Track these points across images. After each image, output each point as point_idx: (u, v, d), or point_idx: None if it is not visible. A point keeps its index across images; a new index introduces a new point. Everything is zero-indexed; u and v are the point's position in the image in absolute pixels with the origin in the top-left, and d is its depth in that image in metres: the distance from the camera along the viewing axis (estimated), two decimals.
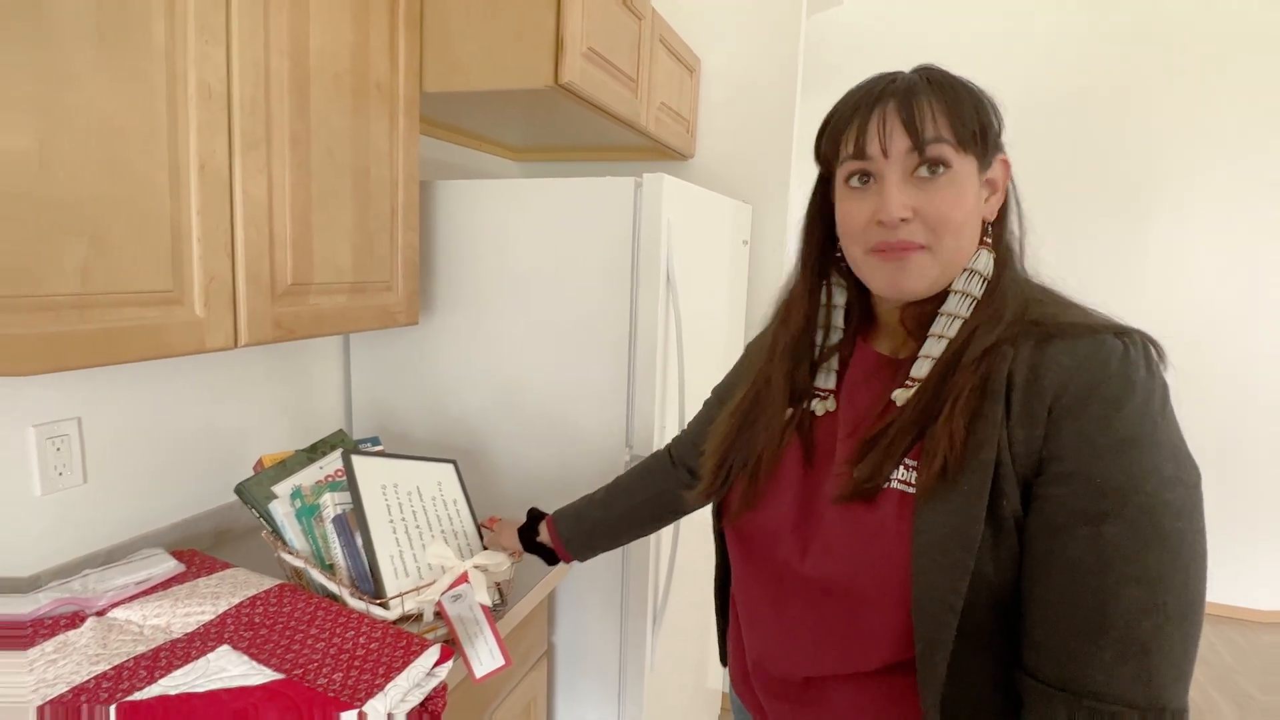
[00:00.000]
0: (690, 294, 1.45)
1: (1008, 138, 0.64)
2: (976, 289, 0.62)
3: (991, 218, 0.64)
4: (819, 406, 0.70)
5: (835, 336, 0.71)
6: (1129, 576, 0.49)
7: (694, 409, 1.62)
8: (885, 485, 0.58)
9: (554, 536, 1.04)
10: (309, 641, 0.87)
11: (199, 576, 1.01)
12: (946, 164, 0.58)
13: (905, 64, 0.66)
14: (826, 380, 0.70)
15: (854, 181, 0.62)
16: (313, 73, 1.05)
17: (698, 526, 1.53)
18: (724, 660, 0.91)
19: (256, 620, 0.91)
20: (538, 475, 1.43)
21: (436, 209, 1.42)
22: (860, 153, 0.60)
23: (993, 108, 0.62)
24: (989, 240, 0.64)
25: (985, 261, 0.62)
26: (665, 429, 1.38)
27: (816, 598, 0.62)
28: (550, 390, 1.39)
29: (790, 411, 0.70)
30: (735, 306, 1.90)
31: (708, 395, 0.99)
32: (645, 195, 1.27)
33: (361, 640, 0.87)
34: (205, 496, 1.28)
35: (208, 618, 0.91)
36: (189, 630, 0.88)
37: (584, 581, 1.40)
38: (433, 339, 1.47)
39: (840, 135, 0.63)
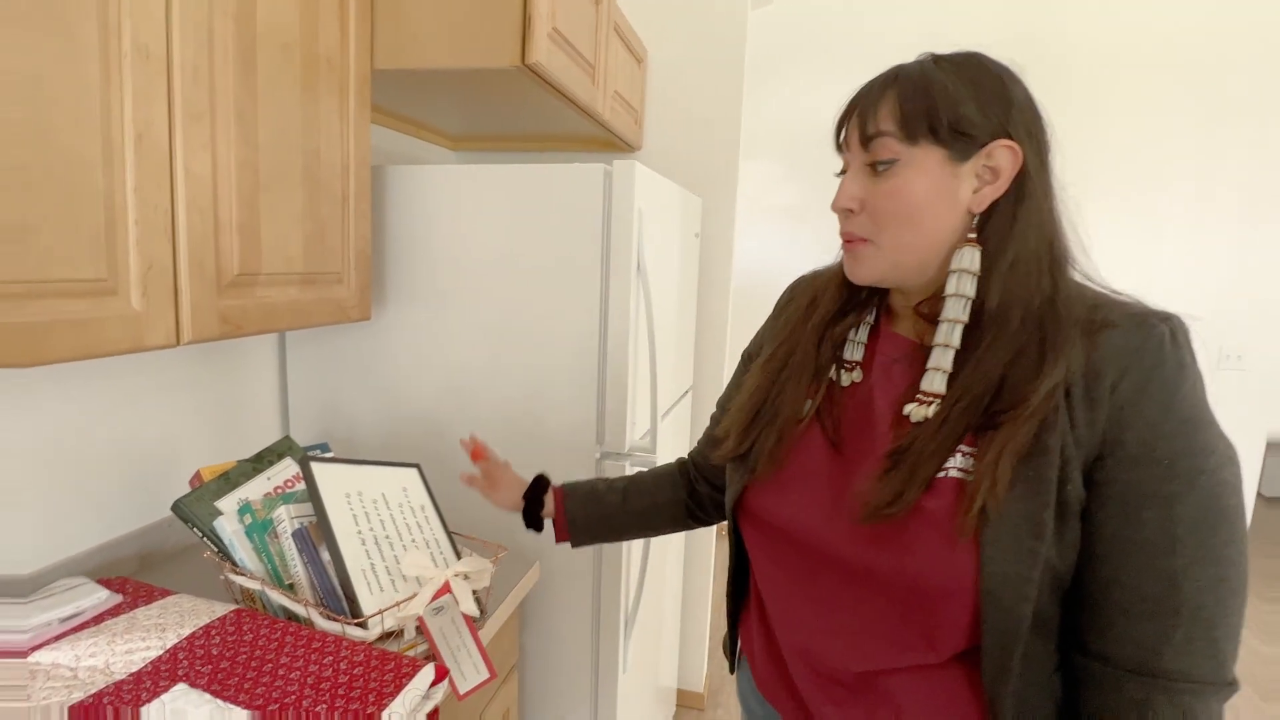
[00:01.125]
0: (657, 287, 1.42)
1: None
2: (969, 289, 0.58)
3: (979, 209, 0.59)
4: (845, 377, 0.69)
5: (864, 325, 0.71)
6: (1199, 556, 0.51)
7: (666, 403, 1.60)
8: (942, 475, 0.57)
9: (560, 513, 0.95)
10: (280, 672, 0.78)
11: (136, 607, 0.89)
12: (892, 157, 0.59)
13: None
14: (853, 353, 0.70)
15: (840, 170, 0.67)
16: (260, 40, 0.94)
17: None
18: (732, 667, 0.88)
19: (214, 652, 0.80)
20: None
21: (387, 196, 1.32)
22: (838, 144, 0.66)
23: (994, 94, 0.57)
24: (973, 236, 0.59)
25: (970, 258, 0.58)
26: (636, 424, 1.34)
27: (870, 588, 0.60)
28: (513, 387, 1.32)
29: (813, 384, 0.69)
30: (687, 301, 1.88)
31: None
32: (616, 183, 1.22)
33: (342, 666, 0.79)
34: (126, 517, 1.14)
35: (154, 654, 0.79)
36: (134, 670, 0.76)
37: (555, 585, 1.34)
38: (383, 335, 1.37)
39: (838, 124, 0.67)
